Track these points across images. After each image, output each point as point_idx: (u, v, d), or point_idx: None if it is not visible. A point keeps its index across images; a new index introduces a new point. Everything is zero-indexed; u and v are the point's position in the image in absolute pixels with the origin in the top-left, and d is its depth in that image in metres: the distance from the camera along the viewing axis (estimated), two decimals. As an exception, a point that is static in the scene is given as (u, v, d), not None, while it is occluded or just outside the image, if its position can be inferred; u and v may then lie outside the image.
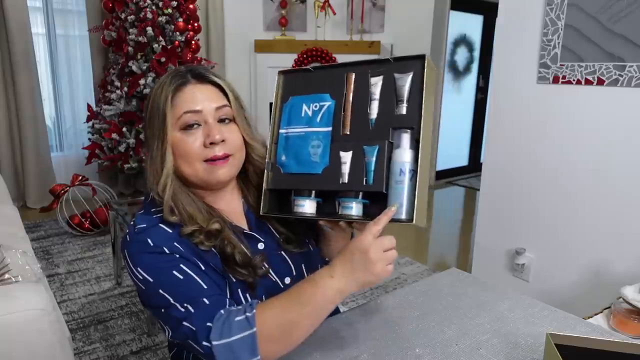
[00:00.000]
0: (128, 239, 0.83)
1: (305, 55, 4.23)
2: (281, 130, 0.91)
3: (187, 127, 0.84)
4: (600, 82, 1.69)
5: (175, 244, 0.81)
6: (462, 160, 5.53)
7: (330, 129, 0.87)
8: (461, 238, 3.49)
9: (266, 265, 0.88)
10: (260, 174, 0.94)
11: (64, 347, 1.11)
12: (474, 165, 5.46)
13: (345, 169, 0.85)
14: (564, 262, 1.89)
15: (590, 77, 1.71)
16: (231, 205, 0.94)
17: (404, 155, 0.81)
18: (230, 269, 0.84)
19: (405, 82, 0.83)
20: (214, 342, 0.72)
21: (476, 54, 5.33)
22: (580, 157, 1.78)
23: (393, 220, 0.80)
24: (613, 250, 1.74)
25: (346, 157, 0.85)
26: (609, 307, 1.34)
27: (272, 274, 0.89)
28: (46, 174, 3.77)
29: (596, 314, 1.34)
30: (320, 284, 0.76)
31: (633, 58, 1.59)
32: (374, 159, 0.83)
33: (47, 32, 3.80)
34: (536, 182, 1.94)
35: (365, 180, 0.84)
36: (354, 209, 0.84)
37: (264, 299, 0.85)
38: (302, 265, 0.95)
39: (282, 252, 0.93)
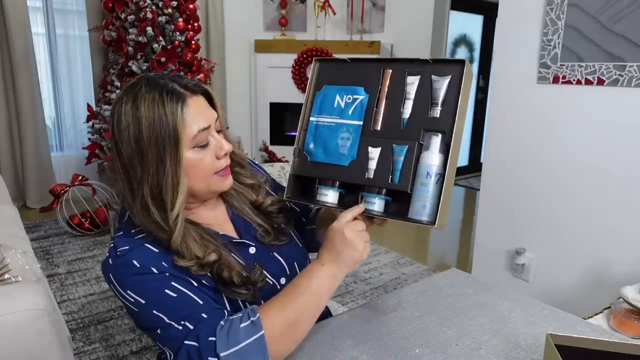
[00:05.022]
0: (111, 262, 0.78)
1: (305, 55, 4.22)
2: (312, 118, 0.91)
3: (203, 146, 0.81)
4: (600, 82, 1.69)
5: (162, 262, 0.78)
6: (462, 160, 5.53)
7: (361, 122, 0.87)
8: (461, 238, 3.48)
9: (264, 272, 0.88)
10: (241, 172, 0.95)
11: (64, 347, 1.11)
12: (474, 165, 5.46)
13: (372, 164, 0.85)
14: (564, 262, 1.89)
15: (590, 77, 1.71)
16: (216, 212, 0.92)
17: (432, 158, 0.81)
18: (228, 292, 0.82)
19: (442, 85, 0.83)
20: (222, 354, 0.71)
21: (476, 54, 5.33)
22: (581, 157, 1.78)
23: (414, 221, 0.81)
24: (613, 251, 1.73)
25: (374, 152, 0.85)
26: (609, 307, 1.34)
27: (269, 277, 0.89)
28: (46, 174, 3.77)
29: (596, 314, 1.34)
30: (313, 274, 0.80)
31: (633, 58, 1.59)
32: (402, 158, 0.83)
33: (47, 32, 3.80)
34: (536, 182, 1.94)
35: (391, 178, 0.84)
36: (377, 204, 0.85)
37: (262, 303, 0.85)
38: (295, 263, 0.95)
39: (274, 253, 0.93)
